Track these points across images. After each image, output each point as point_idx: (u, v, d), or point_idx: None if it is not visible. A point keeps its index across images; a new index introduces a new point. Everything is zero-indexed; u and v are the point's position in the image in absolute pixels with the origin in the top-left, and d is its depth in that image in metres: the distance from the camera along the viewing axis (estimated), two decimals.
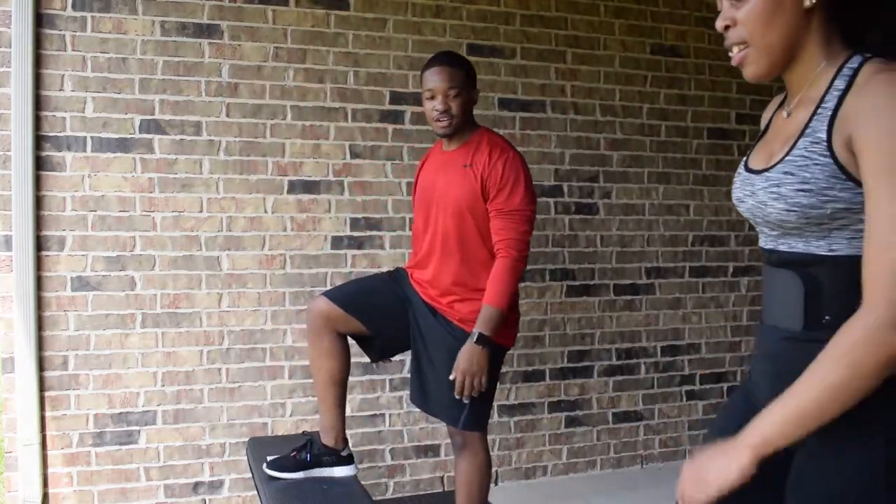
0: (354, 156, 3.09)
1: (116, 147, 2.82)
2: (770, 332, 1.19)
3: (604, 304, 3.47)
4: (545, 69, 3.33)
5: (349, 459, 2.39)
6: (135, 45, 2.83)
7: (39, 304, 2.74)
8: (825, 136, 1.05)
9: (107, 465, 2.84)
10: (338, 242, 3.08)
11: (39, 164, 2.73)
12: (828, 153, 1.05)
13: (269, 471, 2.34)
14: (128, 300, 2.85)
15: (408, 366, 2.85)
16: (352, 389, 2.76)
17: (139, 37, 2.83)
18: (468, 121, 2.27)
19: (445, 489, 3.18)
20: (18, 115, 2.66)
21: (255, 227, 2.98)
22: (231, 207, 2.95)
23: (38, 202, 2.73)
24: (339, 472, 2.37)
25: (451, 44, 3.14)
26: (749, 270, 3.69)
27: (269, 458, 2.37)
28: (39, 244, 2.74)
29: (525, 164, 2.23)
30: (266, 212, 2.99)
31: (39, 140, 2.73)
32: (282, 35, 2.98)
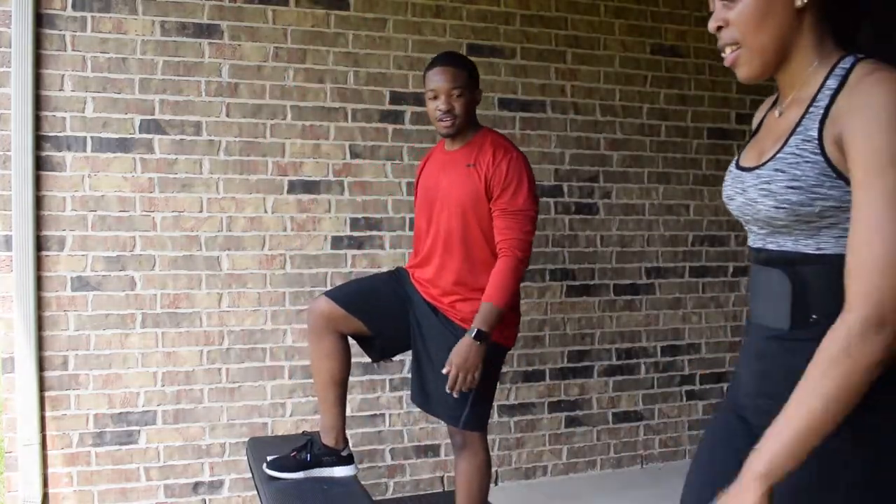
0: (354, 156, 3.09)
1: (116, 147, 2.82)
2: (757, 331, 1.19)
3: (604, 304, 3.47)
4: (545, 69, 3.33)
5: (349, 459, 2.39)
6: (135, 45, 2.83)
7: (39, 304, 2.74)
8: (816, 135, 1.06)
9: (107, 465, 2.84)
10: (338, 242, 3.08)
11: (39, 164, 2.73)
12: (818, 151, 1.05)
13: (269, 471, 2.34)
14: (128, 300, 2.85)
15: (408, 366, 2.86)
16: (352, 389, 2.76)
17: (139, 37, 2.83)
18: (471, 121, 2.27)
19: (445, 489, 3.18)
20: (18, 115, 2.66)
21: (255, 227, 2.98)
22: (231, 207, 2.95)
23: (38, 202, 2.73)
24: (340, 472, 2.37)
25: (451, 44, 3.14)
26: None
27: (269, 458, 2.37)
28: (39, 244, 2.74)
29: (528, 165, 2.23)
30: (266, 212, 2.99)
31: (39, 140, 2.73)
32: (282, 35, 2.98)
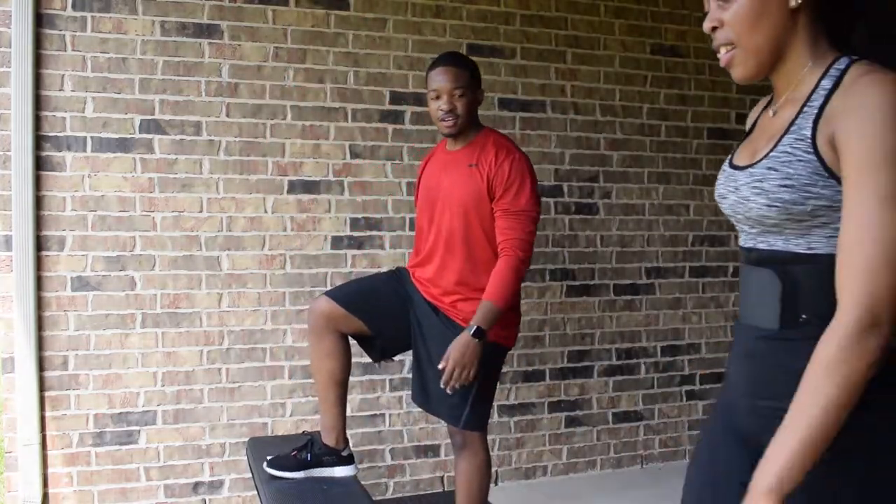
0: (354, 156, 3.09)
1: (116, 147, 2.82)
2: (746, 331, 1.19)
3: (604, 304, 3.47)
4: (545, 69, 3.33)
5: (350, 459, 2.39)
6: (135, 45, 2.83)
7: (39, 304, 2.74)
8: (810, 134, 1.06)
9: (107, 465, 2.84)
10: (338, 242, 3.08)
11: (39, 164, 2.73)
12: (811, 150, 1.05)
13: (270, 469, 2.33)
14: (128, 300, 2.85)
15: (408, 366, 2.86)
16: (352, 389, 2.76)
17: (139, 37, 2.83)
18: (473, 121, 2.27)
19: (445, 489, 3.18)
20: (18, 115, 2.66)
21: (255, 227, 2.98)
22: (231, 207, 2.95)
23: (38, 202, 2.73)
24: (340, 472, 2.36)
25: (451, 44, 3.14)
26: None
27: (270, 457, 2.37)
28: (39, 244, 2.74)
29: (531, 166, 2.23)
30: (266, 212, 2.99)
31: (39, 140, 2.73)
32: (282, 35, 2.98)
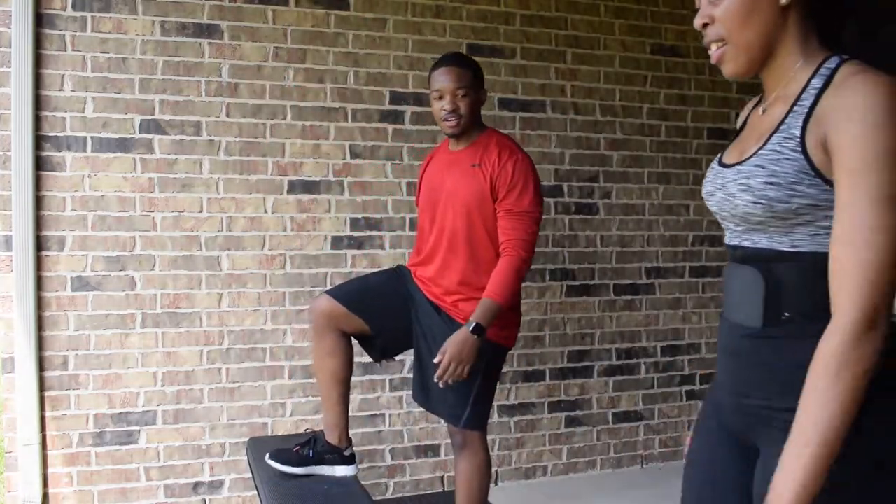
0: (354, 156, 3.09)
1: (116, 147, 2.82)
2: (731, 329, 1.19)
3: (604, 304, 3.47)
4: (545, 69, 3.33)
5: (351, 459, 2.40)
6: (135, 45, 2.83)
7: (39, 304, 2.74)
8: (799, 133, 1.06)
9: (107, 465, 2.84)
10: (338, 242, 3.08)
11: (39, 164, 2.73)
12: (799, 149, 1.05)
13: (272, 462, 2.33)
14: (128, 300, 2.85)
15: (408, 366, 2.86)
16: (352, 389, 2.75)
17: (139, 37, 2.83)
18: (476, 121, 2.28)
19: (445, 489, 3.18)
20: (18, 115, 2.66)
21: (255, 227, 2.98)
22: (231, 207, 2.95)
23: (38, 202, 2.73)
24: (341, 472, 2.37)
25: (451, 44, 3.14)
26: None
27: (272, 451, 2.37)
28: (39, 244, 2.74)
29: (533, 166, 2.24)
30: (266, 212, 2.99)
31: (39, 140, 2.73)
32: (282, 35, 2.98)
